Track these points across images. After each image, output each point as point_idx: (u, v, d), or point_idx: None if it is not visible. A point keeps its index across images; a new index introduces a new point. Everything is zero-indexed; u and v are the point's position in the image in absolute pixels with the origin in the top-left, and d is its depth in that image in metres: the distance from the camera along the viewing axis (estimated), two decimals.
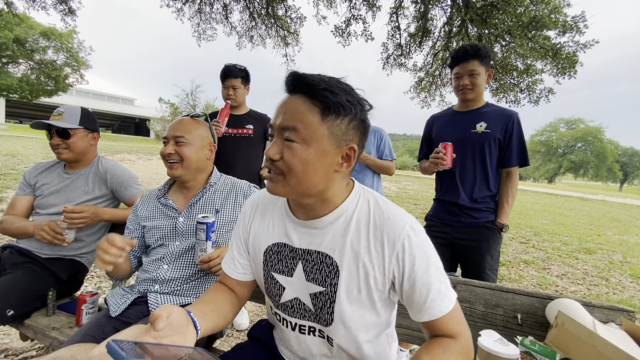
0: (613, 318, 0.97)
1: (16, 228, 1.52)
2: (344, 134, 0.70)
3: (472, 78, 1.68)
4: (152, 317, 0.60)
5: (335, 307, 0.75)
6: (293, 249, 0.80)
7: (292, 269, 0.80)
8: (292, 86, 0.70)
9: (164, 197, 1.29)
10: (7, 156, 9.33)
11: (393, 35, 7.32)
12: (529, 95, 6.77)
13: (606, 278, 4.16)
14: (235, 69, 2.32)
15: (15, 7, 6.51)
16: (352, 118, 0.70)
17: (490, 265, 1.68)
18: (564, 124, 49.66)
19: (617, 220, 10.94)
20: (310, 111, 0.68)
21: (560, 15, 5.66)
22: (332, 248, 0.76)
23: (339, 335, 0.78)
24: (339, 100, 0.68)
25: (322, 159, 0.69)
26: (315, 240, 0.77)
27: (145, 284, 1.20)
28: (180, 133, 1.21)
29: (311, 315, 0.80)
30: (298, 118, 0.67)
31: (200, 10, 7.14)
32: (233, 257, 0.90)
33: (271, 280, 0.84)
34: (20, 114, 47.50)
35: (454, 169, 1.74)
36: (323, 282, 0.76)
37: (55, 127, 1.53)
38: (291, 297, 0.81)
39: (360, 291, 0.74)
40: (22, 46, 21.26)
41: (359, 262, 0.74)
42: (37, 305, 1.42)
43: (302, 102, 0.68)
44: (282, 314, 0.85)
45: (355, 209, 0.77)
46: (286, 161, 0.68)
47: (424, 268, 0.70)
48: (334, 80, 0.70)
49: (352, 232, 0.75)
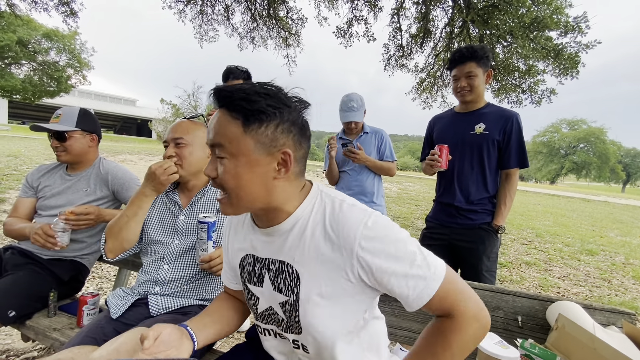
0: (614, 321, 0.97)
1: (15, 230, 1.53)
2: (272, 140, 0.67)
3: (470, 80, 1.68)
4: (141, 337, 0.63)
5: (300, 315, 0.73)
6: (259, 259, 0.79)
7: (261, 279, 0.79)
8: (216, 101, 0.68)
9: (173, 191, 1.31)
10: (9, 157, 9.38)
11: (394, 36, 7.33)
12: (531, 96, 6.76)
13: (608, 280, 4.15)
14: (237, 70, 2.33)
15: (19, 9, 6.55)
16: (278, 123, 0.67)
17: (487, 266, 1.67)
18: (566, 125, 49.51)
19: (620, 221, 10.89)
20: (231, 124, 0.65)
21: (562, 15, 5.65)
22: (292, 256, 0.73)
23: (310, 344, 0.76)
24: (257, 107, 0.64)
25: (254, 169, 0.67)
26: (275, 248, 0.76)
27: (146, 286, 1.20)
28: (179, 135, 1.23)
29: (284, 325, 0.78)
30: (221, 133, 0.66)
31: (202, 11, 7.17)
32: (225, 270, 0.94)
33: (247, 291, 0.84)
34: (23, 114, 47.77)
35: (452, 170, 1.74)
36: (286, 291, 0.74)
37: (51, 130, 1.54)
38: (265, 306, 0.80)
39: (323, 297, 0.71)
40: (25, 47, 21.39)
41: (320, 268, 0.70)
42: (38, 306, 1.42)
43: (223, 116, 0.67)
44: (262, 324, 0.85)
45: (310, 214, 0.73)
46: (221, 178, 0.68)
47: (392, 260, 0.65)
48: (255, 87, 0.66)
49: (309, 240, 0.71)
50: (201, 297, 1.21)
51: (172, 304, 1.14)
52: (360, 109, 2.27)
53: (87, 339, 0.99)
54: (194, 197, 1.28)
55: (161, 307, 1.13)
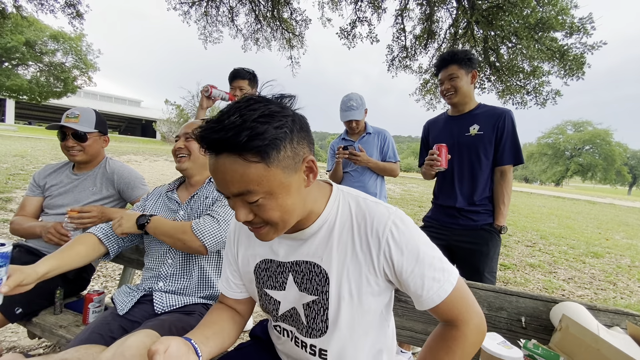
0: (618, 322, 0.96)
1: (24, 229, 1.55)
2: (294, 157, 0.63)
3: (452, 82, 1.71)
4: (149, 352, 0.61)
5: (330, 313, 0.74)
6: (281, 264, 0.79)
7: (283, 283, 0.79)
8: (212, 150, 0.60)
9: (172, 191, 1.35)
10: (16, 157, 9.48)
11: (398, 37, 7.33)
12: (536, 97, 6.73)
13: (614, 282, 4.11)
14: (243, 71, 2.37)
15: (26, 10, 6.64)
16: (290, 138, 0.62)
17: (489, 267, 1.67)
18: (572, 126, 49.13)
19: (626, 224, 10.78)
20: (250, 167, 0.58)
21: (567, 16, 5.63)
22: (319, 256, 0.74)
23: (333, 344, 0.76)
24: (270, 137, 0.58)
25: (291, 193, 0.65)
26: (301, 251, 0.76)
27: (150, 282, 1.22)
28: (190, 130, 1.30)
29: (303, 329, 0.79)
30: (244, 181, 0.59)
31: (206, 13, 7.22)
32: (227, 278, 0.90)
33: (265, 297, 0.83)
34: (29, 115, 48.26)
35: (451, 172, 1.74)
36: (314, 291, 0.75)
37: (72, 129, 1.56)
38: (288, 307, 0.80)
39: (352, 295, 0.72)
40: (32, 49, 21.64)
41: (347, 266, 0.72)
42: (44, 304, 1.44)
43: (234, 163, 0.58)
44: (283, 324, 0.84)
45: (336, 214, 0.75)
46: (263, 218, 0.64)
47: (414, 260, 0.68)
48: (248, 112, 0.58)
49: (337, 238, 0.73)
50: (205, 295, 1.22)
51: (176, 301, 1.16)
52: (360, 108, 2.27)
53: (94, 336, 1.00)
54: (195, 192, 1.31)
55: (165, 305, 1.14)
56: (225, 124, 0.57)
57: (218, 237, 1.15)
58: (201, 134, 0.59)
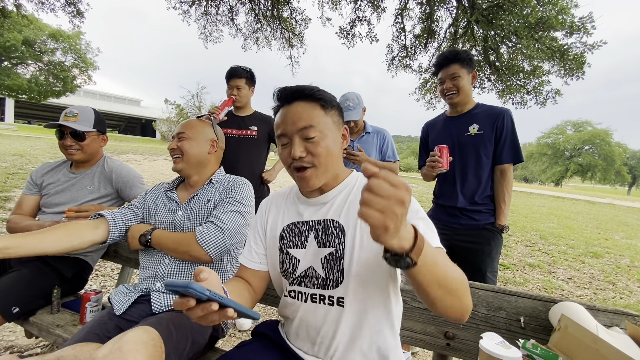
0: (617, 322, 0.96)
1: (21, 228, 1.54)
2: (338, 118, 0.91)
3: (454, 81, 1.71)
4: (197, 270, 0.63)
5: (345, 262, 0.84)
6: (305, 223, 0.92)
7: (305, 241, 0.91)
8: (290, 97, 0.87)
9: (171, 190, 1.35)
10: (15, 156, 9.48)
11: (398, 36, 7.31)
12: (536, 96, 6.71)
13: (613, 282, 4.11)
14: (240, 70, 2.35)
15: (25, 9, 6.62)
16: (337, 107, 0.91)
17: (491, 267, 1.67)
18: (571, 126, 49.12)
19: (625, 224, 10.79)
20: (315, 108, 0.86)
21: (568, 16, 5.61)
22: (338, 214, 0.88)
23: (350, 291, 0.83)
24: (328, 96, 0.88)
25: (336, 143, 0.88)
26: (322, 211, 0.91)
27: (147, 282, 1.21)
28: (182, 129, 1.31)
29: (321, 283, 0.87)
30: (309, 117, 0.84)
31: (206, 12, 7.20)
32: (250, 249, 1.00)
33: (287, 257, 0.93)
34: (29, 114, 48.22)
35: (452, 172, 1.74)
36: (332, 244, 0.86)
37: (70, 128, 1.56)
38: (305, 267, 0.90)
39: (363, 243, 0.83)
40: (31, 47, 21.59)
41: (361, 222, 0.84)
42: (41, 303, 1.44)
43: (305, 105, 0.86)
44: (298, 287, 0.91)
45: (355, 182, 0.94)
46: (314, 154, 0.84)
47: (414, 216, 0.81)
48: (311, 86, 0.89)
49: (354, 198, 0.89)
50: None
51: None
52: (357, 108, 2.26)
53: (90, 335, 0.99)
54: (195, 192, 1.30)
55: (163, 305, 1.13)
56: (299, 85, 0.89)
57: (222, 246, 1.17)
58: (284, 87, 0.88)
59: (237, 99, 2.36)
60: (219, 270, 1.26)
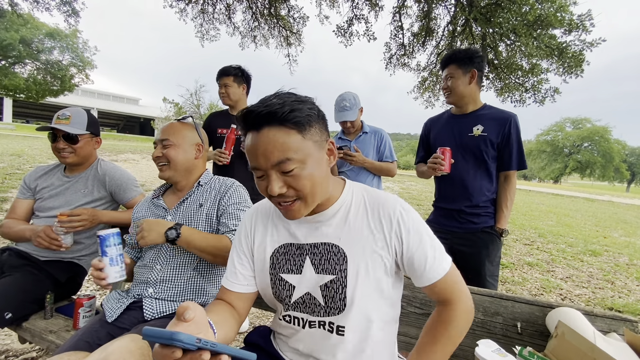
0: (615, 328, 0.95)
1: (14, 232, 1.52)
2: (320, 136, 0.76)
3: (448, 81, 1.71)
4: (180, 308, 0.55)
5: (347, 291, 0.79)
6: (299, 246, 0.84)
7: (300, 266, 0.83)
8: (257, 123, 0.71)
9: (157, 198, 1.33)
10: (13, 156, 9.43)
11: (396, 34, 7.28)
12: (534, 95, 6.70)
13: (612, 281, 4.11)
14: (228, 68, 2.34)
15: (20, 8, 6.57)
16: (317, 119, 0.75)
17: (490, 271, 1.65)
18: (570, 124, 49.07)
19: (624, 221, 10.80)
20: (289, 136, 0.70)
21: (566, 13, 5.59)
22: (337, 236, 0.81)
23: (351, 320, 0.80)
24: (306, 113, 0.72)
25: (320, 167, 0.75)
26: (319, 233, 0.83)
27: (139, 288, 1.19)
28: (166, 136, 1.26)
29: (321, 310, 0.82)
30: (287, 147, 0.69)
31: (203, 10, 7.15)
32: (235, 271, 0.89)
33: (280, 282, 0.85)
34: (27, 113, 48.05)
35: (452, 173, 1.72)
36: (333, 271, 0.80)
37: (62, 131, 1.54)
38: (302, 293, 0.83)
39: (368, 271, 0.79)
40: (28, 47, 21.42)
41: (364, 244, 0.80)
42: (35, 308, 1.42)
43: (278, 132, 0.70)
44: (294, 313, 0.86)
45: (351, 199, 0.85)
46: (296, 188, 0.72)
47: (418, 240, 0.79)
48: (285, 97, 0.73)
49: (352, 219, 0.82)
50: (198, 302, 1.20)
51: (166, 308, 1.13)
52: (354, 108, 2.24)
53: (81, 343, 0.98)
54: (183, 197, 1.29)
55: (155, 312, 1.12)
56: (268, 103, 0.70)
57: None
58: (249, 110, 0.71)
59: (225, 97, 2.35)
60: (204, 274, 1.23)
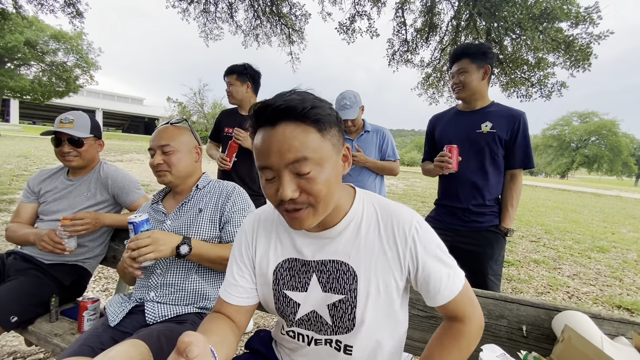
0: (623, 331, 0.93)
1: (19, 236, 1.54)
2: (338, 139, 0.69)
3: (461, 76, 1.67)
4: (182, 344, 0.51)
5: (357, 311, 0.75)
6: (305, 262, 0.78)
7: (306, 283, 0.78)
8: (274, 118, 0.63)
9: (157, 203, 1.33)
10: (20, 158, 9.56)
11: (399, 31, 7.23)
12: (541, 89, 6.62)
13: (620, 278, 4.05)
14: (233, 66, 2.36)
15: (25, 10, 6.62)
16: (336, 122, 0.69)
17: (493, 271, 1.63)
18: (577, 118, 48.38)
19: (632, 216, 10.65)
20: (308, 133, 0.63)
21: (573, 6, 5.50)
22: (347, 254, 0.76)
23: (359, 339, 0.77)
24: (327, 112, 0.66)
25: (337, 171, 0.69)
26: (328, 249, 0.77)
27: (141, 291, 1.20)
28: (165, 142, 1.23)
29: (328, 329, 0.77)
30: (305, 146, 0.62)
31: (205, 10, 7.15)
32: (234, 283, 0.83)
33: (284, 299, 0.80)
34: (33, 115, 48.65)
35: (459, 170, 1.69)
36: (342, 290, 0.75)
37: (67, 135, 1.54)
38: (307, 311, 0.78)
39: (379, 291, 0.74)
40: (33, 49, 21.64)
41: (375, 263, 0.74)
42: (40, 311, 1.43)
43: (296, 129, 0.63)
44: (298, 330, 0.81)
45: (362, 213, 0.77)
46: (310, 193, 0.65)
47: (434, 258, 0.74)
48: (305, 94, 0.67)
49: (364, 235, 0.76)
50: (199, 305, 1.20)
51: (168, 311, 1.13)
52: (355, 106, 2.22)
53: (83, 348, 0.99)
54: (182, 200, 1.28)
55: (157, 315, 1.12)
56: (287, 98, 0.64)
57: None
58: (265, 103, 0.64)
59: (229, 96, 2.38)
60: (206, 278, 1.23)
